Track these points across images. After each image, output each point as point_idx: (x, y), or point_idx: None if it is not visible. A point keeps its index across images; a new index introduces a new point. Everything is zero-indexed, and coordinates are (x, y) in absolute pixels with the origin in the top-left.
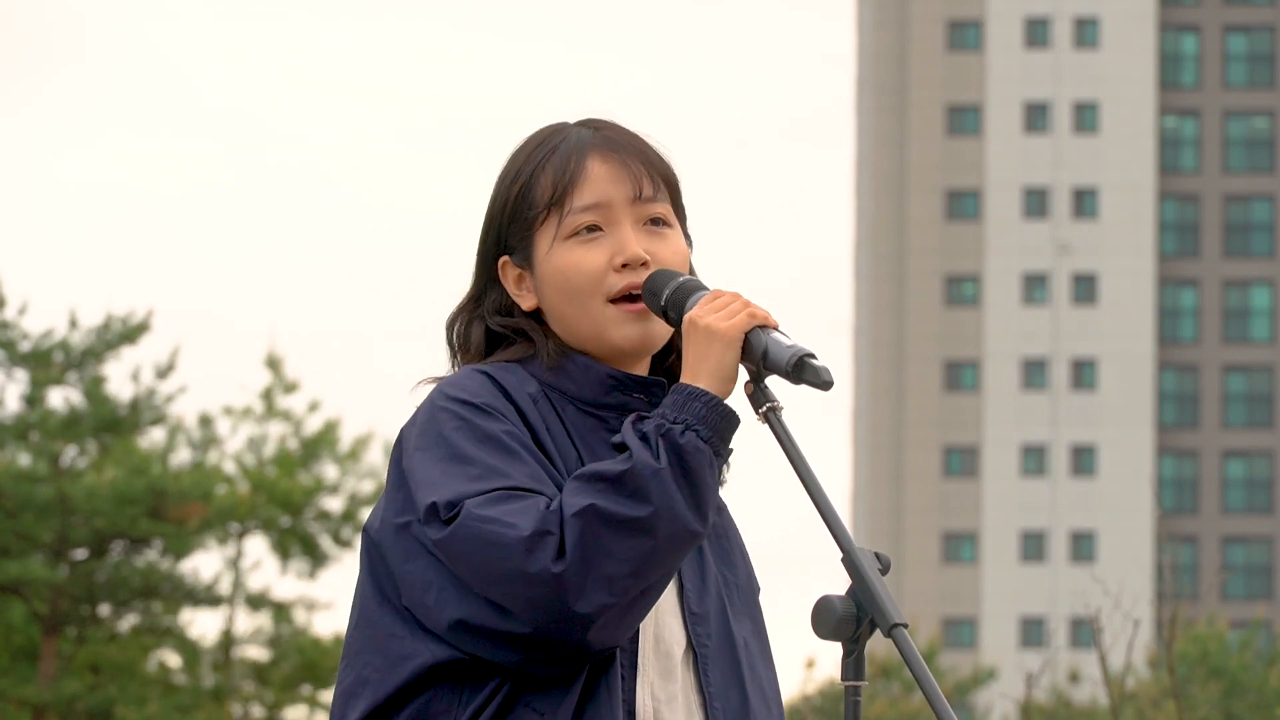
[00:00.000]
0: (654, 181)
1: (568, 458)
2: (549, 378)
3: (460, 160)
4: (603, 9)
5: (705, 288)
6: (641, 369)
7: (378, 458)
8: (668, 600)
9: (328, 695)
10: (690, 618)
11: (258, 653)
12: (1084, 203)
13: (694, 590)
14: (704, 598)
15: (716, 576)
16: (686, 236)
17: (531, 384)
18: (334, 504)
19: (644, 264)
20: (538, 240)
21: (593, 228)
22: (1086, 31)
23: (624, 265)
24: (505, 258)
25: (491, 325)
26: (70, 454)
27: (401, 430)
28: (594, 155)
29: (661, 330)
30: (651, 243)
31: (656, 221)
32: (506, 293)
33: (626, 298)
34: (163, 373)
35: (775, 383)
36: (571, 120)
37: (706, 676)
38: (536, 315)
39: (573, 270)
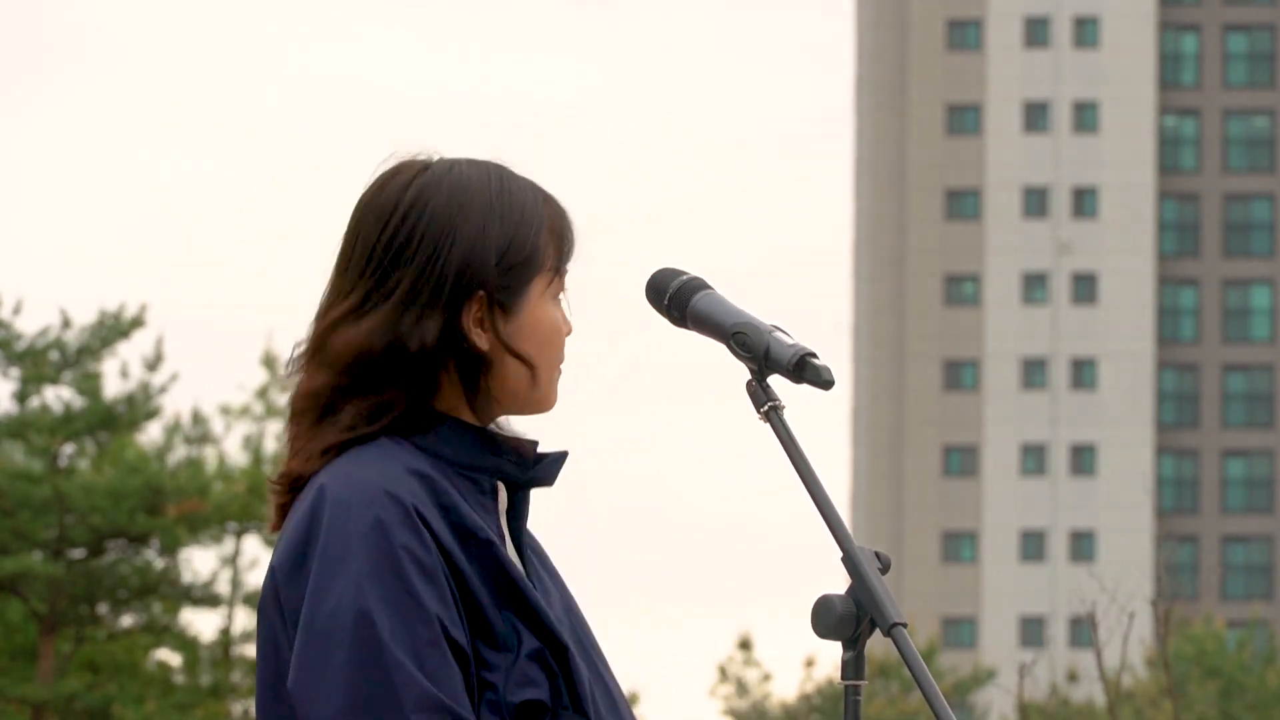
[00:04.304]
0: None
1: (470, 524)
2: (427, 443)
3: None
4: (602, 9)
5: (709, 287)
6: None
7: None
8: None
9: None
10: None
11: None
12: (1084, 202)
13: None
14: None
15: (557, 593)
16: None
17: (422, 460)
18: None
19: None
20: (531, 291)
21: (559, 295)
22: (1086, 31)
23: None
24: (481, 293)
25: (421, 346)
26: (67, 452)
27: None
28: (570, 222)
29: None
30: None
31: None
32: (458, 326)
33: None
34: (151, 365)
35: (776, 382)
36: (484, 158)
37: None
38: (473, 361)
39: (558, 331)
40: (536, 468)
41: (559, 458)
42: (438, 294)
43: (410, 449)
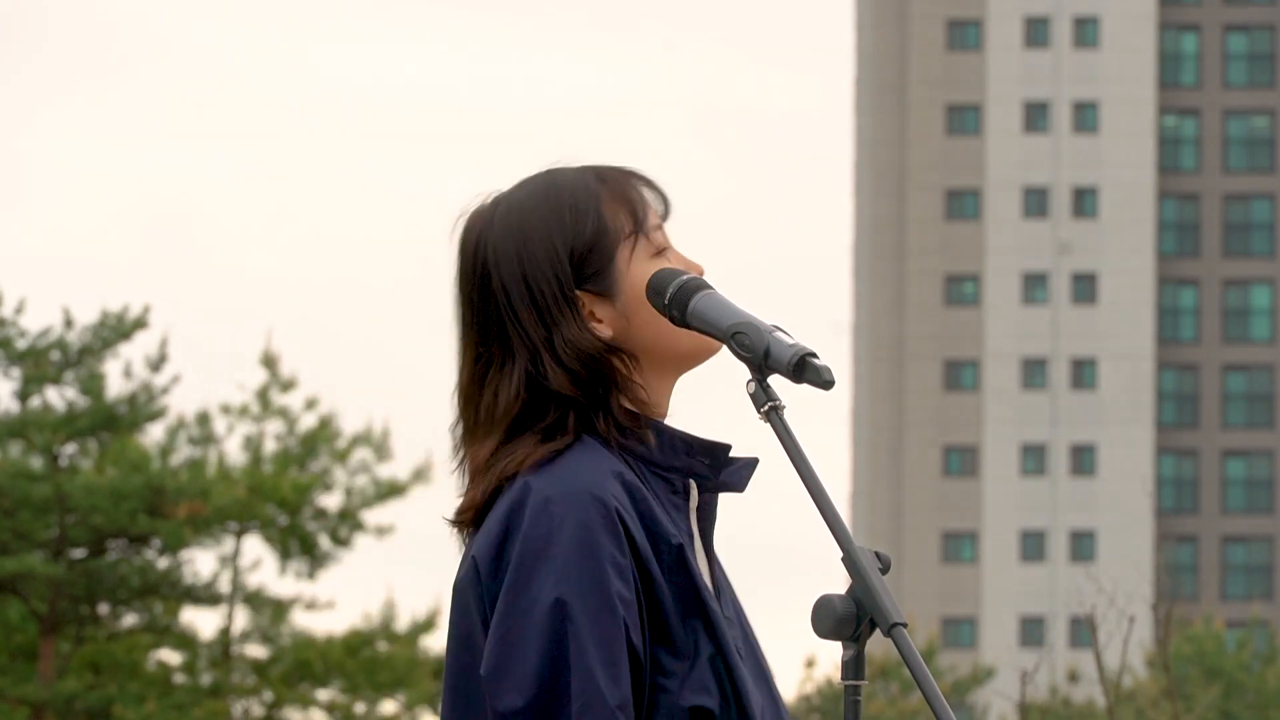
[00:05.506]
0: None
1: (664, 530)
2: (625, 442)
3: (458, 159)
4: (601, 10)
5: (709, 287)
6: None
7: (373, 453)
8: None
9: (325, 693)
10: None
11: (256, 650)
12: (1084, 202)
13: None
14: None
15: (731, 601)
16: None
17: (617, 462)
18: (331, 501)
19: None
20: (619, 263)
21: (662, 249)
22: (1086, 31)
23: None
24: (577, 291)
25: (569, 368)
26: (69, 451)
27: (531, 540)
28: (637, 181)
29: None
30: None
31: None
32: (585, 329)
33: None
34: (155, 365)
35: (777, 381)
36: (569, 164)
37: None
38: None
39: None
40: (727, 473)
41: (750, 463)
42: (547, 314)
43: (610, 449)
